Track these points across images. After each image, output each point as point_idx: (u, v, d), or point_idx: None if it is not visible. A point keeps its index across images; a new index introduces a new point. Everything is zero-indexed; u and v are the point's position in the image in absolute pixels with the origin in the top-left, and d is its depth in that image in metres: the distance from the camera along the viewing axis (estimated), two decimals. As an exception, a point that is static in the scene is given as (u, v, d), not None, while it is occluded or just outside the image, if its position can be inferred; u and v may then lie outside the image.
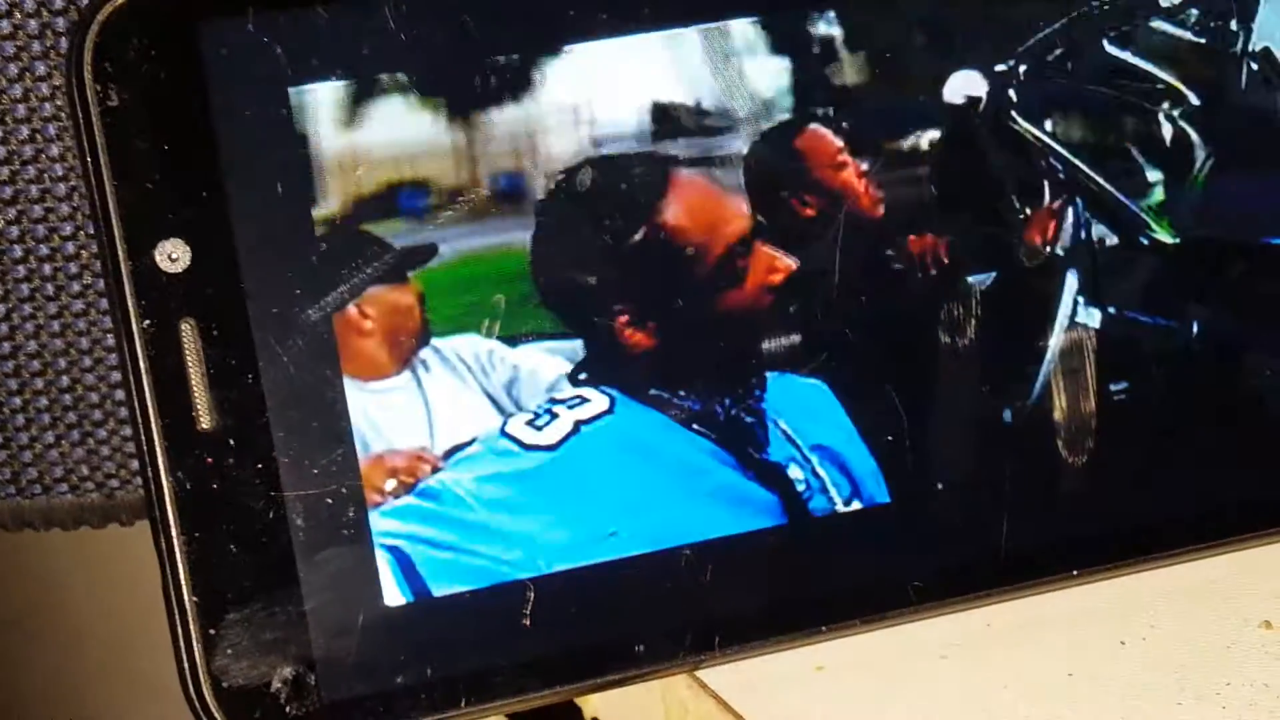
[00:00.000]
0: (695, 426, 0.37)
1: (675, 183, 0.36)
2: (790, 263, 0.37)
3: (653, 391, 0.36)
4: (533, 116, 0.35)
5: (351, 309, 0.35)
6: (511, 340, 0.36)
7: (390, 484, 0.35)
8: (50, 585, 0.60)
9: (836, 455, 0.37)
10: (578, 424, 0.36)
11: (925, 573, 0.37)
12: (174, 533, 0.34)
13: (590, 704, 0.40)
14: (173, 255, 0.34)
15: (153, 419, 0.34)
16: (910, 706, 0.36)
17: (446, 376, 0.35)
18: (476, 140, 0.35)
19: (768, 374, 0.37)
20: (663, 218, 0.36)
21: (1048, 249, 0.38)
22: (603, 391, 0.36)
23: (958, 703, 0.36)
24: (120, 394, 0.39)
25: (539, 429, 0.36)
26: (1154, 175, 0.39)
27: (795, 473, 0.37)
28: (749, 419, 0.37)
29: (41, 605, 0.60)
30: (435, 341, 0.35)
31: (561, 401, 0.36)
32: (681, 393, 0.36)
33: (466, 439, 0.36)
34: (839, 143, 0.37)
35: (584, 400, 0.36)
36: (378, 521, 0.35)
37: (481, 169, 0.35)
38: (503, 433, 0.36)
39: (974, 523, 0.38)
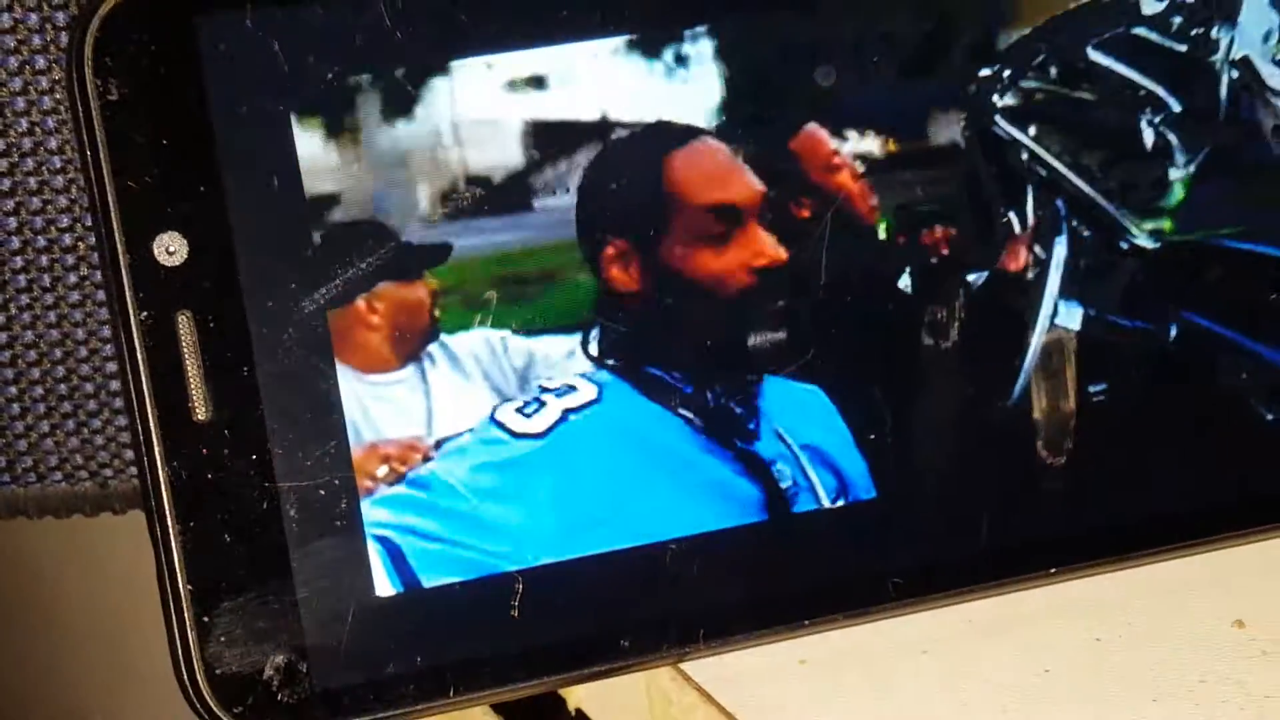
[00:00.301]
0: (682, 411, 0.37)
1: (692, 146, 0.37)
2: (780, 253, 0.37)
3: (648, 369, 0.37)
4: (537, 110, 0.36)
5: (360, 302, 0.35)
6: (523, 333, 0.36)
7: (382, 471, 0.35)
8: (41, 573, 0.60)
9: (826, 455, 0.37)
10: (565, 412, 0.36)
11: (906, 569, 0.37)
12: (169, 522, 0.34)
13: (574, 695, 0.41)
14: (170, 249, 0.34)
15: (149, 410, 0.34)
16: (892, 700, 0.36)
17: (451, 371, 0.35)
18: (479, 134, 0.35)
19: (765, 377, 0.37)
20: (669, 171, 0.36)
21: (1030, 252, 0.39)
22: (593, 381, 0.37)
23: (938, 697, 0.36)
24: (115, 384, 0.39)
25: (528, 416, 0.36)
26: (1135, 181, 0.39)
27: (783, 470, 0.37)
28: (740, 410, 0.37)
29: (33, 592, 0.60)
30: (444, 337, 0.36)
31: (551, 390, 0.36)
32: (676, 373, 0.37)
33: (460, 429, 0.36)
34: (833, 144, 0.37)
35: (572, 389, 0.36)
36: (369, 512, 0.35)
37: (484, 162, 0.36)
38: (492, 419, 0.36)
39: (955, 520, 0.38)
